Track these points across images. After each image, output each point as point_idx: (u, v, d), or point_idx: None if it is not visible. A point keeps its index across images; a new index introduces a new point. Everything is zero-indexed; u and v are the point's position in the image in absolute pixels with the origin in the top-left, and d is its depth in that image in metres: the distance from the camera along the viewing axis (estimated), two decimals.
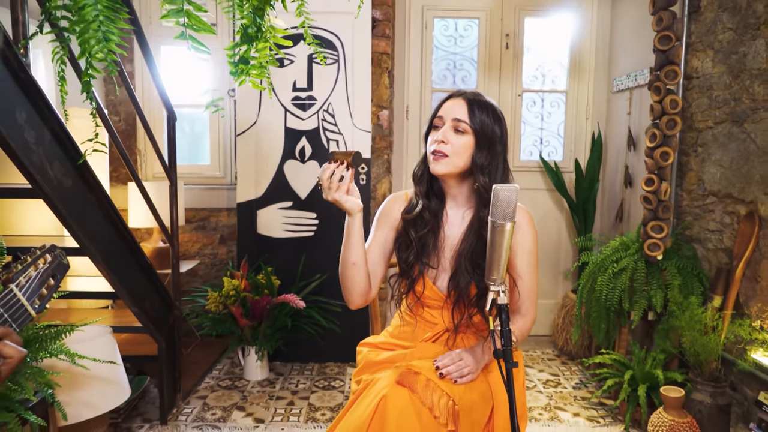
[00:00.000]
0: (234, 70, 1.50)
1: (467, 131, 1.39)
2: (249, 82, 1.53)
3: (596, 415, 2.57)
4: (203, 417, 2.49)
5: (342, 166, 1.29)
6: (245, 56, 1.50)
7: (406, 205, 1.52)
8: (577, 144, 3.56)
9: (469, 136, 1.39)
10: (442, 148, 1.37)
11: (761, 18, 2.31)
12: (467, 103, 1.41)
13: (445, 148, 1.37)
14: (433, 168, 1.40)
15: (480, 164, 1.39)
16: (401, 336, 1.53)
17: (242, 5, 1.42)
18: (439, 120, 1.42)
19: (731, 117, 2.49)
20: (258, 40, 1.49)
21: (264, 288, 2.84)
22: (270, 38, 1.52)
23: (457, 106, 1.41)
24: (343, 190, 1.29)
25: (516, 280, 1.43)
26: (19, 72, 1.42)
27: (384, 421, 1.16)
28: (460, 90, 1.47)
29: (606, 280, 2.61)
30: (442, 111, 1.42)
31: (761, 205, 2.30)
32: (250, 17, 1.46)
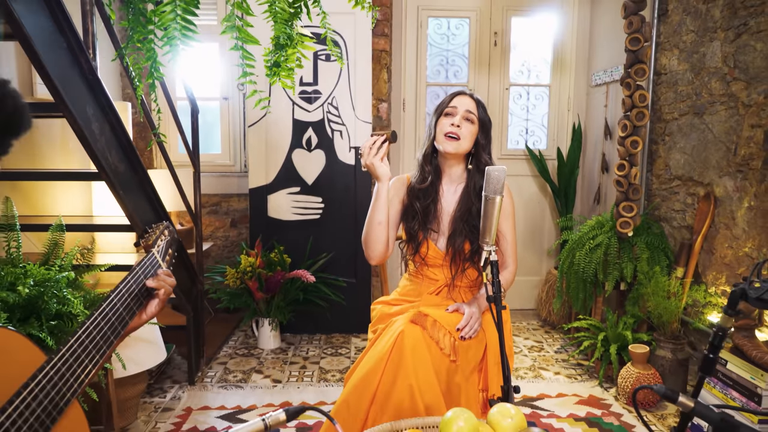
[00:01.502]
0: (269, 72, 1.79)
1: (475, 122, 1.73)
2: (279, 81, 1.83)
3: (574, 373, 2.91)
4: (226, 379, 2.79)
5: (381, 138, 1.60)
6: (278, 60, 1.78)
7: (407, 186, 1.84)
8: (559, 134, 3.88)
9: (476, 126, 1.74)
10: (456, 131, 1.71)
11: (718, 23, 2.63)
12: (474, 101, 1.78)
13: (458, 132, 1.71)
14: (444, 147, 1.73)
15: (483, 145, 1.77)
16: (409, 293, 1.84)
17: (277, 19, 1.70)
18: (453, 109, 1.74)
19: (693, 110, 2.82)
20: (288, 47, 1.79)
21: (277, 265, 3.14)
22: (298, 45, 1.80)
23: (467, 101, 1.76)
24: (379, 156, 1.60)
25: (500, 239, 1.76)
26: (89, 74, 1.70)
27: (402, 351, 1.47)
28: (463, 90, 1.82)
29: (583, 255, 2.94)
30: (455, 102, 1.76)
31: (716, 187, 2.63)
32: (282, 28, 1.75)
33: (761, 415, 1.90)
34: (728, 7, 2.55)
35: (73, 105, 1.58)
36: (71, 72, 1.61)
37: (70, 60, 1.60)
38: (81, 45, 1.63)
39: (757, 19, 2.37)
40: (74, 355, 0.87)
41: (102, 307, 0.97)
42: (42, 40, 1.45)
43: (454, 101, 1.77)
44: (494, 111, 3.84)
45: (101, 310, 0.96)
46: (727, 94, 2.56)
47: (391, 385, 1.45)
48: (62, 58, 1.56)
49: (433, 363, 1.50)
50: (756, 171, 2.37)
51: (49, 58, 1.46)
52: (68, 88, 1.58)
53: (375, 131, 1.64)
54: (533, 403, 2.55)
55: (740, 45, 2.48)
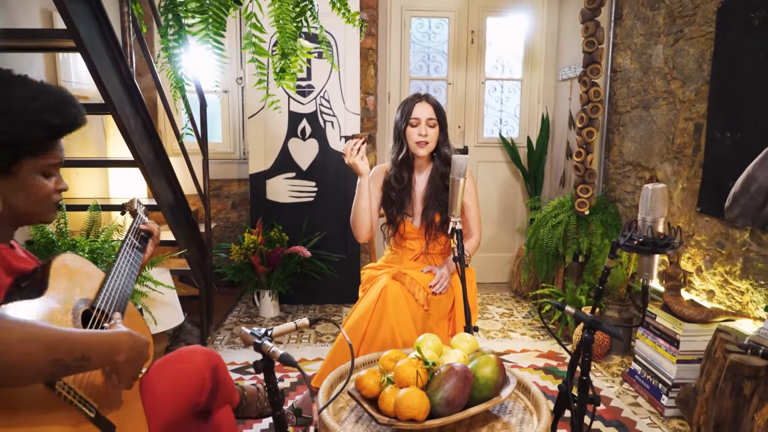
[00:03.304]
0: (276, 77, 2.16)
1: (435, 125, 2.09)
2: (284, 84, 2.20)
3: (538, 334, 3.33)
4: (233, 342, 3.18)
5: (360, 141, 1.98)
6: (284, 67, 2.15)
7: (385, 175, 2.22)
8: (530, 123, 4.27)
9: (437, 127, 2.10)
10: (424, 139, 2.07)
11: (661, 28, 3.03)
12: (431, 106, 2.11)
13: (426, 139, 2.07)
14: (418, 153, 2.11)
15: (443, 139, 2.13)
16: (392, 261, 2.24)
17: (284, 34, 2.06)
18: (416, 120, 2.09)
19: (641, 104, 3.22)
20: (291, 55, 2.15)
21: (276, 242, 3.51)
22: (300, 54, 2.16)
23: (425, 108, 2.10)
24: (359, 156, 1.98)
25: (466, 213, 2.15)
26: (127, 79, 2.05)
27: (385, 301, 1.87)
28: (419, 95, 2.14)
29: (546, 231, 3.36)
30: (416, 113, 2.09)
31: (659, 171, 3.05)
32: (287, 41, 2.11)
33: (679, 356, 2.33)
34: (669, 15, 2.95)
35: (117, 105, 1.94)
36: (115, 78, 1.97)
37: (115, 68, 1.95)
38: (122, 55, 1.98)
39: (690, 27, 2.78)
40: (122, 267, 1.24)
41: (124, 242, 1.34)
42: (96, 53, 1.80)
43: (416, 112, 2.09)
44: (471, 103, 4.22)
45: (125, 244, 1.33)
46: (667, 91, 2.97)
47: (377, 328, 1.85)
48: (109, 66, 1.92)
49: (410, 311, 1.90)
50: (688, 158, 2.79)
51: (102, 68, 1.82)
52: (114, 90, 1.93)
53: (354, 135, 2.00)
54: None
55: (677, 49, 2.88)
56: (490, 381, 1.34)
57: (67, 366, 0.80)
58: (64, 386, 0.91)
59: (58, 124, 1.05)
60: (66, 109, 1.07)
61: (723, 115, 2.50)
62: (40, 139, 1.03)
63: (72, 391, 0.92)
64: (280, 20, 2.00)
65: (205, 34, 1.66)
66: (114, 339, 0.90)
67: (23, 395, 0.82)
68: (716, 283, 2.56)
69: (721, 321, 2.29)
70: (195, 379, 1.26)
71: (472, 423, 1.37)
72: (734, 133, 2.42)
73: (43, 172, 1.08)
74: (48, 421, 0.85)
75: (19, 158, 1.02)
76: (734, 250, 2.45)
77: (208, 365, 1.30)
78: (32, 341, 0.76)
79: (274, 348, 1.04)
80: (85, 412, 0.93)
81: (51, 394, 0.88)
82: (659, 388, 2.41)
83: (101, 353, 0.87)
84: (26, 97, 1.01)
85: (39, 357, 0.76)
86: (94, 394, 0.98)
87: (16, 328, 0.75)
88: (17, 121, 0.98)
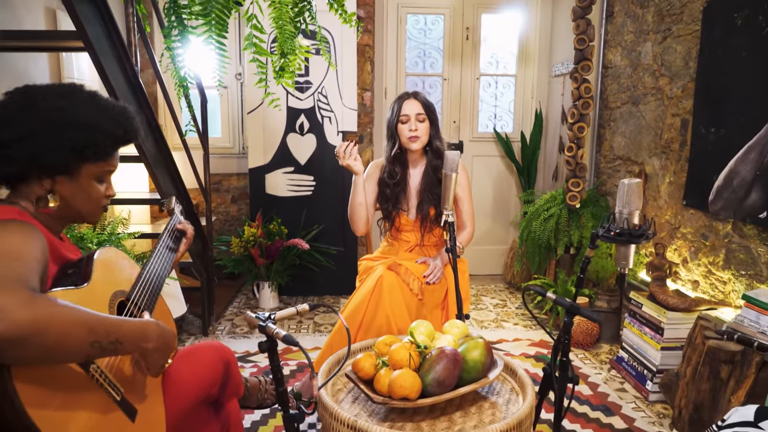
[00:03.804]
0: (275, 75, 2.24)
1: (425, 120, 2.17)
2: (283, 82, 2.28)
3: (530, 324, 3.43)
4: (234, 332, 3.27)
5: (352, 143, 2.06)
6: (283, 66, 2.23)
7: (380, 171, 2.30)
8: (523, 119, 4.36)
9: (426, 121, 2.18)
10: (416, 134, 2.15)
11: (650, 26, 3.11)
12: (420, 102, 2.19)
13: (417, 134, 2.15)
14: (411, 147, 2.19)
15: (435, 133, 2.21)
16: (388, 252, 2.33)
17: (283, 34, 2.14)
18: (406, 117, 2.18)
19: (631, 100, 3.31)
20: (290, 54, 2.23)
21: (275, 235, 3.60)
22: (298, 53, 2.24)
23: (414, 105, 2.18)
24: (353, 157, 2.06)
25: (459, 206, 2.23)
26: (132, 78, 2.13)
27: (381, 291, 1.96)
28: (408, 93, 2.23)
29: (539, 224, 3.45)
30: (405, 110, 2.18)
31: (647, 166, 3.14)
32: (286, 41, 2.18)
33: (664, 343, 2.43)
34: (657, 14, 3.03)
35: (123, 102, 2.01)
36: (120, 76, 2.04)
37: (120, 67, 2.03)
38: (127, 54, 2.06)
39: (678, 26, 2.86)
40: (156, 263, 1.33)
41: (160, 242, 1.42)
42: (103, 53, 1.88)
43: (405, 109, 2.18)
44: (466, 98, 4.30)
45: (160, 243, 1.42)
46: (655, 87, 3.05)
47: (373, 315, 1.94)
48: (115, 65, 1.99)
49: (405, 300, 1.99)
50: (675, 152, 2.88)
51: (109, 67, 1.89)
52: (119, 88, 2.01)
53: (345, 137, 2.08)
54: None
55: (666, 46, 2.96)
56: (479, 363, 1.43)
57: (102, 348, 0.89)
58: (97, 369, 1.00)
59: (120, 136, 1.20)
60: (127, 124, 1.22)
61: (708, 112, 2.58)
62: (102, 148, 1.16)
63: (103, 374, 1.01)
64: (279, 21, 2.08)
65: (208, 35, 1.74)
66: (144, 327, 0.99)
67: (60, 374, 0.91)
68: (701, 273, 2.66)
69: (704, 309, 2.39)
70: (210, 372, 1.37)
71: (462, 402, 1.47)
72: (718, 129, 2.50)
73: (99, 178, 1.20)
74: (79, 400, 0.94)
75: (81, 163, 1.15)
76: (717, 241, 2.54)
77: (222, 360, 1.42)
78: (75, 324, 0.85)
79: (278, 330, 1.13)
80: (112, 395, 1.02)
81: (85, 376, 0.97)
82: (644, 374, 2.51)
83: (133, 339, 0.96)
84: (95, 111, 1.15)
85: (80, 338, 0.85)
86: (122, 380, 1.07)
87: (63, 311, 0.84)
88: (85, 131, 1.13)
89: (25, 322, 0.78)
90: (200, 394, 1.33)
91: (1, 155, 1.08)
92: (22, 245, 0.96)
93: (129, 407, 1.07)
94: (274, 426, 2.20)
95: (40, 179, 1.13)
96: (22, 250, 0.94)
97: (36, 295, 0.84)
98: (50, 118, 1.10)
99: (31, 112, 1.10)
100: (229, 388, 1.46)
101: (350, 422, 1.29)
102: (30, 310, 0.79)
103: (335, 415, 1.32)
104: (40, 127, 1.09)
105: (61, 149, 1.11)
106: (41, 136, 1.09)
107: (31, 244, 0.97)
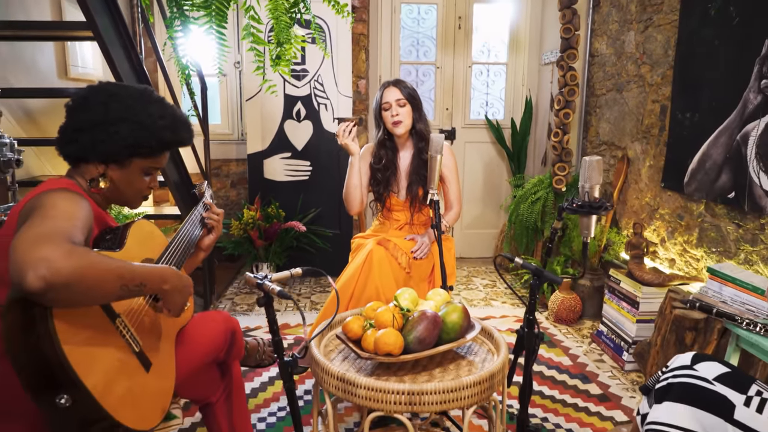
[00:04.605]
0: (272, 63, 2.37)
1: (405, 104, 2.30)
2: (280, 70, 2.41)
3: (518, 302, 3.59)
4: (235, 309, 3.42)
5: (352, 123, 2.19)
6: (279, 54, 2.36)
7: (372, 155, 2.43)
8: (514, 106, 4.48)
9: (408, 105, 2.30)
10: (398, 119, 2.28)
11: (633, 16, 3.23)
12: (397, 87, 2.31)
13: (399, 118, 2.28)
14: (396, 131, 2.32)
15: (418, 116, 2.34)
16: (379, 230, 2.47)
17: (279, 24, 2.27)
18: (387, 104, 2.31)
19: (615, 87, 3.44)
20: (286, 43, 2.36)
21: (273, 218, 3.74)
22: (294, 42, 2.37)
23: (393, 92, 2.31)
24: (351, 137, 2.20)
25: (447, 187, 2.37)
26: (137, 66, 2.26)
27: (371, 264, 2.10)
28: (387, 81, 2.36)
29: (527, 207, 3.59)
30: (385, 98, 2.31)
31: (629, 150, 3.28)
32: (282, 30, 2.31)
33: (639, 316, 2.58)
34: (640, 3, 3.15)
35: None
36: (126, 64, 2.17)
37: (126, 55, 2.16)
38: (132, 43, 2.19)
39: (658, 15, 2.98)
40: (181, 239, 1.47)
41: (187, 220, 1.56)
42: (111, 43, 2.00)
43: (385, 96, 2.31)
44: (458, 86, 4.42)
45: (186, 221, 1.56)
46: (638, 75, 3.18)
47: (363, 287, 2.09)
48: (121, 54, 2.12)
49: (393, 273, 2.14)
50: (655, 137, 3.01)
51: (116, 56, 2.02)
52: (125, 75, 2.14)
53: (344, 118, 2.22)
54: None
55: (647, 35, 3.09)
56: (457, 325, 1.58)
57: (130, 290, 1.04)
58: (122, 322, 1.15)
59: (172, 140, 1.37)
60: (181, 130, 1.39)
61: (684, 98, 2.72)
62: (154, 148, 1.34)
63: (126, 327, 1.16)
64: (275, 12, 2.21)
65: (209, 26, 1.87)
66: (162, 271, 1.14)
67: (91, 322, 1.05)
68: (677, 252, 2.81)
69: (677, 284, 2.54)
70: (218, 335, 1.52)
71: (442, 360, 1.62)
72: (693, 114, 2.64)
73: (146, 172, 1.38)
74: (105, 345, 1.08)
75: (133, 157, 1.32)
76: (692, 221, 2.69)
77: (228, 327, 1.58)
78: (108, 271, 1.00)
79: (273, 286, 1.27)
80: (132, 346, 1.16)
81: (111, 326, 1.11)
82: (621, 345, 2.66)
83: (153, 282, 1.11)
84: (157, 115, 1.32)
85: (111, 283, 1.00)
86: (142, 335, 1.22)
87: (98, 260, 0.99)
88: (144, 131, 1.30)
89: (67, 270, 0.92)
90: (209, 356, 1.49)
91: (73, 136, 1.28)
92: (69, 207, 1.11)
93: (145, 359, 1.21)
94: (273, 392, 2.37)
95: (96, 163, 1.31)
96: (68, 211, 1.10)
97: (77, 247, 0.98)
98: (119, 115, 1.28)
99: (105, 106, 1.28)
100: (233, 351, 1.61)
101: (339, 375, 1.44)
102: (71, 260, 0.93)
103: (326, 370, 1.47)
104: (109, 120, 1.27)
105: (119, 143, 1.28)
106: (107, 128, 1.27)
107: (77, 207, 1.13)
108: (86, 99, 1.30)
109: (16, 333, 0.95)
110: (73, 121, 1.30)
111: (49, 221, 1.05)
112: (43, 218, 1.06)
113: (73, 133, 1.29)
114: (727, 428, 1.10)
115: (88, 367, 1.01)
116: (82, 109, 1.30)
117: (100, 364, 1.05)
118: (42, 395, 0.96)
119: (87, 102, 1.30)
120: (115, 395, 1.04)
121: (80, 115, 1.29)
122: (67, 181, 1.30)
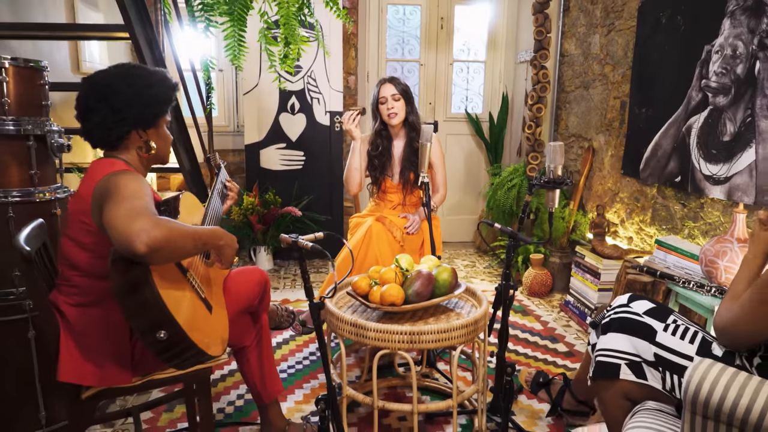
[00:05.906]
0: (281, 62, 2.66)
1: (399, 98, 2.63)
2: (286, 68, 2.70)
3: (495, 280, 3.95)
4: None
5: (356, 112, 2.51)
6: (286, 54, 2.66)
7: (368, 144, 2.75)
8: (492, 101, 4.84)
9: (402, 100, 2.63)
10: (393, 111, 2.61)
11: (598, 20, 3.60)
12: (393, 84, 2.64)
13: (394, 111, 2.61)
14: (391, 122, 2.65)
15: (411, 110, 2.67)
16: (375, 210, 2.80)
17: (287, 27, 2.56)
18: (383, 98, 2.64)
19: (583, 84, 3.81)
20: (293, 44, 2.66)
21: (271, 204, 4.03)
22: (299, 41, 2.67)
23: (389, 88, 2.63)
24: (354, 124, 2.52)
25: (434, 172, 2.71)
26: (159, 62, 2.54)
27: (371, 237, 2.43)
28: (385, 78, 2.68)
29: (503, 193, 3.95)
30: (382, 93, 2.64)
31: (594, 141, 3.65)
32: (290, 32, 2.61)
33: (600, 285, 2.96)
34: (604, 9, 3.52)
35: None
36: (151, 61, 2.45)
37: (150, 53, 2.44)
38: (156, 41, 2.47)
39: (619, 21, 3.35)
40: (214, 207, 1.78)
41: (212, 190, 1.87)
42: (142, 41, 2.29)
43: (382, 92, 2.63)
44: (441, 82, 4.76)
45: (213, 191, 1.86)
46: (602, 74, 3.56)
47: (364, 256, 2.42)
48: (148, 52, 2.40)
49: (389, 245, 2.47)
50: (616, 129, 3.39)
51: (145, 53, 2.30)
52: None
53: (351, 107, 2.54)
54: None
55: (610, 38, 3.46)
56: (447, 282, 1.92)
57: (198, 248, 1.35)
58: (191, 275, 1.46)
59: (174, 88, 1.61)
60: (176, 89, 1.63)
61: (640, 95, 3.10)
62: (171, 98, 1.58)
63: (194, 278, 1.47)
64: (285, 17, 2.51)
65: (232, 31, 2.17)
66: (215, 231, 1.44)
67: (172, 276, 1.36)
68: (634, 230, 3.19)
69: (632, 257, 2.92)
70: (255, 286, 1.84)
71: (435, 311, 1.95)
72: (648, 109, 3.02)
73: (166, 125, 1.63)
74: (184, 291, 1.38)
75: (161, 115, 1.56)
76: (646, 203, 3.08)
77: (263, 280, 1.89)
78: (185, 235, 1.29)
79: (305, 242, 1.58)
80: (199, 293, 1.47)
81: (183, 278, 1.42)
82: (585, 311, 3.04)
83: (213, 240, 1.41)
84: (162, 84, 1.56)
85: (188, 243, 1.30)
86: (203, 284, 1.53)
87: (178, 227, 1.28)
88: (163, 87, 1.55)
89: (160, 236, 1.20)
90: (247, 302, 1.80)
91: (117, 119, 1.48)
92: (138, 186, 1.36)
93: (208, 303, 1.52)
94: (288, 350, 2.69)
95: (139, 132, 1.53)
96: (139, 189, 1.35)
97: (159, 218, 1.28)
98: (144, 82, 1.52)
99: (132, 83, 1.50)
100: (264, 302, 1.92)
101: (353, 321, 1.76)
102: (160, 228, 1.22)
103: (341, 318, 1.80)
104: (141, 92, 1.50)
105: (158, 103, 1.53)
106: (143, 97, 1.50)
107: (143, 185, 1.40)
108: (109, 86, 1.47)
109: (125, 289, 1.24)
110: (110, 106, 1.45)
111: (129, 200, 1.28)
112: (124, 197, 1.29)
113: (115, 115, 1.48)
114: (651, 348, 1.45)
115: (177, 308, 1.31)
116: (112, 93, 1.45)
117: (183, 306, 1.36)
118: (146, 333, 1.26)
119: (114, 86, 1.47)
120: (197, 330, 1.35)
121: (114, 100, 1.45)
122: (118, 162, 1.52)
